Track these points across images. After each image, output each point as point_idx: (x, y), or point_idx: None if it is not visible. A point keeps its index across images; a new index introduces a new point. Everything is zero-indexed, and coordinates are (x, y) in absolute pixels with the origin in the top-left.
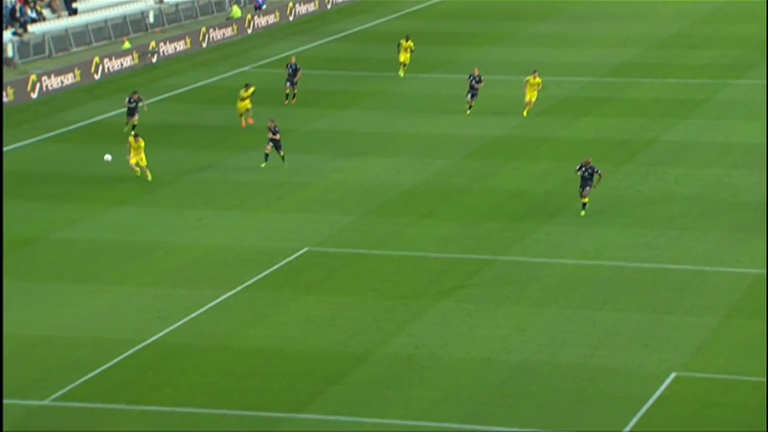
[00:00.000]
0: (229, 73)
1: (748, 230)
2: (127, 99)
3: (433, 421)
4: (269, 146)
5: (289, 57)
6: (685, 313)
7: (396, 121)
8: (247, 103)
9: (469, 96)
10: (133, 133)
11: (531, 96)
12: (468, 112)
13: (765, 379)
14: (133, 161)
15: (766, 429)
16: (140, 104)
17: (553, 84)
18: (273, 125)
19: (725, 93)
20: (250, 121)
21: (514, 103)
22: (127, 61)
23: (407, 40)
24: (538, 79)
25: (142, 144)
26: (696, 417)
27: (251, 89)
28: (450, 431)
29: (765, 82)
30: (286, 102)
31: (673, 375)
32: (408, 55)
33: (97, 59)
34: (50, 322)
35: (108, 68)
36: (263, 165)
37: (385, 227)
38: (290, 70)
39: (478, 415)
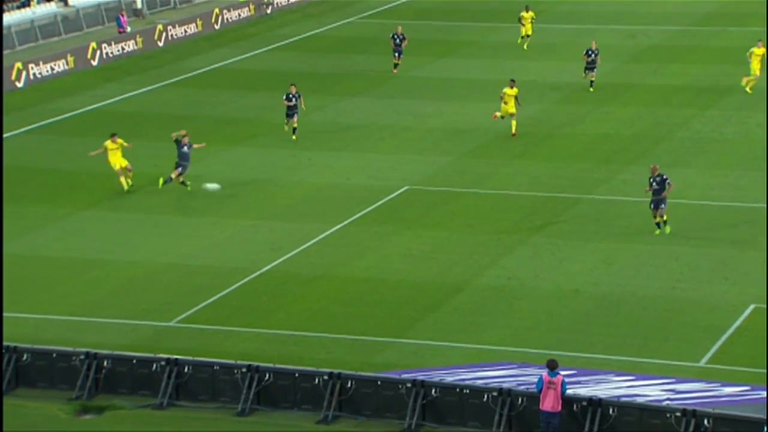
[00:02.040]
0: (335, 24)
1: None
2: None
3: (523, 347)
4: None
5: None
6: (764, 249)
7: (491, 68)
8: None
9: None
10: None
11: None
12: (591, 89)
13: None
14: (117, 167)
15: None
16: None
17: (642, 33)
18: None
19: None
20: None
21: (603, 50)
22: (245, 12)
23: (527, 11)
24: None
25: (120, 143)
26: None
27: None
28: (539, 356)
29: None
30: (395, 71)
31: (752, 306)
32: (530, 26)
33: (217, 10)
34: (175, 251)
35: (227, 18)
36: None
37: (480, 167)
38: (396, 40)
39: (566, 342)
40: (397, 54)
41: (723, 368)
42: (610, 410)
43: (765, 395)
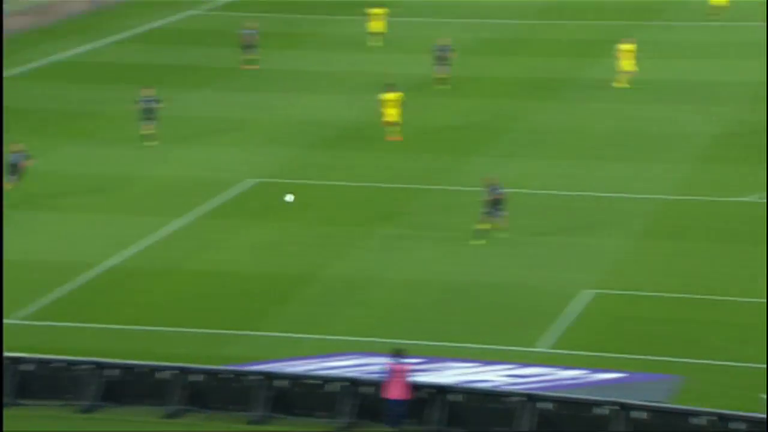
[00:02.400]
0: (179, 16)
1: (655, 160)
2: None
3: (372, 337)
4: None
5: None
6: (601, 236)
7: (338, 61)
8: None
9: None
10: None
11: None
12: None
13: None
14: None
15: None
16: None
17: (483, 26)
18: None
19: (637, 33)
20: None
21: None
22: (84, 5)
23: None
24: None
25: None
26: (613, 330)
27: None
28: (387, 345)
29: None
30: (251, 66)
31: (587, 292)
32: (382, 23)
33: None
34: (18, 247)
35: (64, 10)
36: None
37: (328, 159)
38: (246, 35)
39: (414, 331)
40: (248, 48)
41: (562, 353)
42: (455, 397)
43: (603, 377)
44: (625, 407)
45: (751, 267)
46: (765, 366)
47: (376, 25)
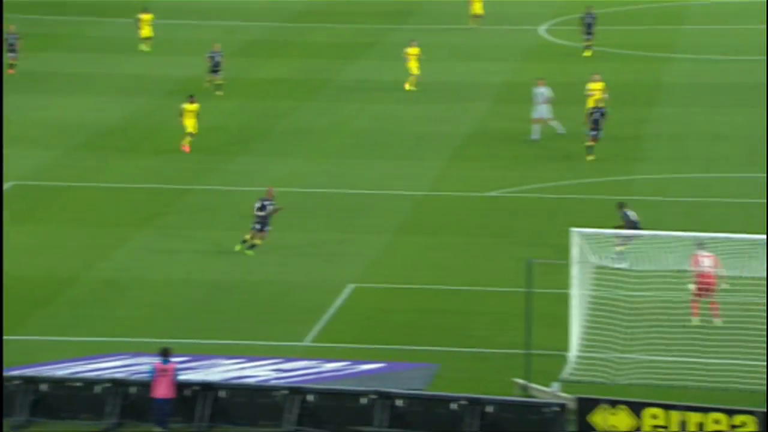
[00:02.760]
0: None
1: (411, 158)
2: None
3: (138, 337)
4: None
5: None
6: (361, 232)
7: (96, 63)
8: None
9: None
10: None
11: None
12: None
13: (430, 286)
14: None
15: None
16: None
17: (242, 28)
18: None
19: (391, 37)
20: None
21: (201, 44)
22: None
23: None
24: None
25: None
26: (372, 321)
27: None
28: (153, 345)
29: (426, 26)
30: (11, 71)
31: (351, 286)
32: (149, 28)
33: None
34: None
35: None
36: None
37: (88, 161)
38: (10, 40)
39: (180, 329)
40: (12, 53)
41: (325, 346)
42: (221, 393)
43: (364, 368)
44: (386, 396)
45: (499, 258)
46: (517, 351)
47: (145, 30)
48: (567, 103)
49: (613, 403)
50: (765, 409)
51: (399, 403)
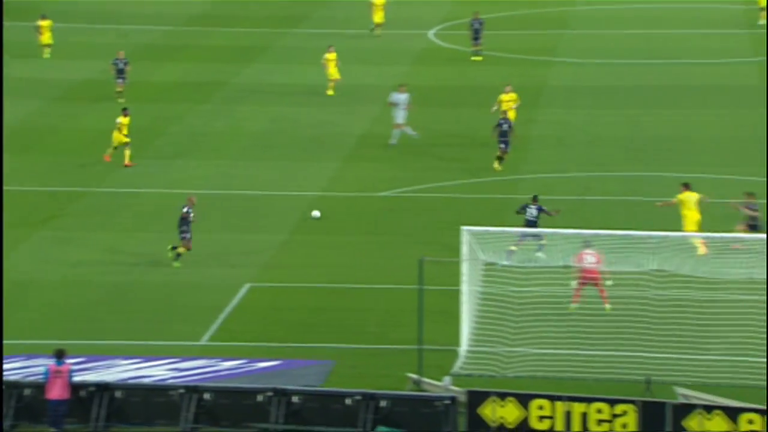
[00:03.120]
0: None
1: (306, 159)
2: None
3: (33, 339)
4: None
5: None
6: (257, 232)
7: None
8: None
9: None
10: None
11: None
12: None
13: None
14: None
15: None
16: None
17: (137, 32)
18: None
19: (285, 40)
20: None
21: (94, 48)
22: None
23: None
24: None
25: None
26: (268, 319)
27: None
28: (49, 346)
29: (319, 30)
30: None
31: (247, 286)
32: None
33: None
34: None
35: None
36: None
37: None
38: None
39: (75, 331)
40: None
41: (222, 344)
42: (117, 393)
43: (261, 366)
44: (282, 393)
45: (391, 257)
46: (410, 347)
47: (45, 36)
48: (456, 105)
49: (502, 396)
50: (644, 398)
51: (295, 399)
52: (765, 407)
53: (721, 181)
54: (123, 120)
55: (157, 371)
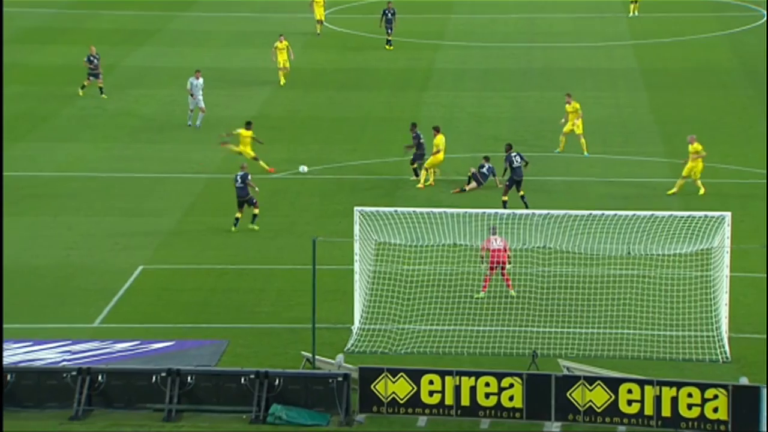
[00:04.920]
0: None
1: (198, 141)
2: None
3: None
4: None
5: None
6: (150, 214)
7: None
8: None
9: None
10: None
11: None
12: (102, 95)
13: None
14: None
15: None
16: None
17: (20, 15)
18: None
19: (175, 23)
20: None
21: None
22: None
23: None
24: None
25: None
26: (161, 301)
27: None
28: None
29: (208, 14)
30: None
31: (140, 268)
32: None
33: None
34: None
35: None
36: None
37: None
38: None
39: None
40: None
41: (115, 326)
42: (8, 377)
43: (155, 347)
44: (176, 373)
45: (285, 237)
46: (303, 326)
47: None
48: (346, 88)
49: (394, 372)
50: (530, 371)
51: (189, 379)
52: (643, 377)
53: (601, 160)
54: (245, 133)
55: (50, 354)
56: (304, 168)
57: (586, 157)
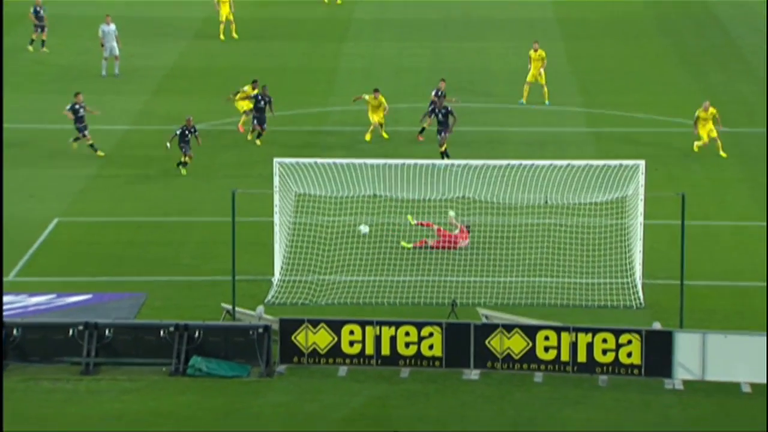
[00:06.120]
0: None
1: (114, 93)
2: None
3: None
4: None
5: None
6: (64, 166)
7: None
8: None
9: None
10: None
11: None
12: None
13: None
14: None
15: None
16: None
17: None
18: None
19: None
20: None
21: None
22: None
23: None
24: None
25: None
26: (78, 254)
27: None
28: None
29: None
30: None
31: (55, 221)
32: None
33: None
34: None
35: None
36: None
37: None
38: None
39: None
40: None
41: (30, 280)
42: None
43: (71, 300)
44: (94, 326)
45: (204, 189)
46: (224, 278)
47: None
48: (270, 39)
49: (314, 323)
50: (449, 320)
51: (107, 332)
52: (560, 324)
53: (518, 110)
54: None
55: None
56: (365, 229)
57: (547, 106)
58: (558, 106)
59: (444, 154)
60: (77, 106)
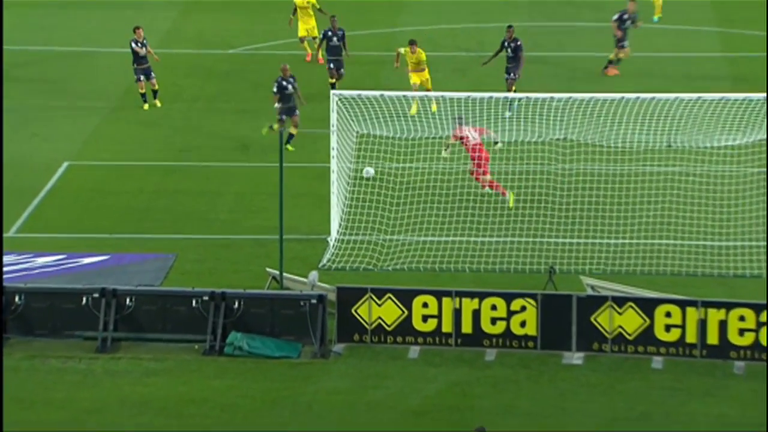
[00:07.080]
0: None
1: (137, 8)
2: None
3: None
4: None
5: None
6: (78, 97)
7: None
8: None
9: None
10: None
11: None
12: None
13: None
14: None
15: None
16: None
17: None
18: None
19: None
20: None
21: None
22: None
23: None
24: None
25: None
26: (91, 205)
27: None
28: None
29: None
30: None
31: (65, 164)
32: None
33: None
34: None
35: None
36: None
37: None
38: None
39: None
40: None
41: (36, 236)
42: None
43: (85, 262)
44: (113, 294)
45: (245, 126)
46: (268, 237)
47: None
48: None
49: (380, 293)
50: (545, 291)
51: (128, 301)
52: (685, 297)
53: (636, 31)
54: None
55: None
56: (370, 171)
57: (655, 22)
58: (688, 25)
59: (510, 102)
60: (139, 43)
